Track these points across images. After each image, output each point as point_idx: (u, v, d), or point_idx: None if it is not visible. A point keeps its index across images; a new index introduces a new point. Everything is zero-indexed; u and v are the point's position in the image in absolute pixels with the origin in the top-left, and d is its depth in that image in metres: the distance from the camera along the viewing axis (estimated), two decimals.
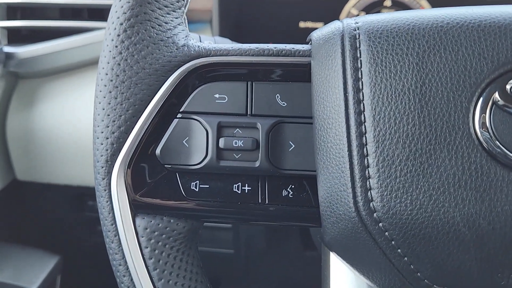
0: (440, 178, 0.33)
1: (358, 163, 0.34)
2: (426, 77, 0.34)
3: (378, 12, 0.99)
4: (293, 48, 0.41)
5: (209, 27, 0.86)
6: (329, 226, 0.37)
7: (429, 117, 0.33)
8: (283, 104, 0.40)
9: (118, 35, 0.38)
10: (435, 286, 0.36)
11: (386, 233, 0.34)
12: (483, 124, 0.33)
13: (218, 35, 0.82)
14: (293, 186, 0.40)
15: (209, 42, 0.55)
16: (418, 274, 0.35)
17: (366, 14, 1.01)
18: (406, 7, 0.97)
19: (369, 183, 0.34)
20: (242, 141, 0.39)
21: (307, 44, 0.41)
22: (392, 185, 0.34)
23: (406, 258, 0.35)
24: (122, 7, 0.39)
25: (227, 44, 0.43)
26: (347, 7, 0.98)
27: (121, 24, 0.38)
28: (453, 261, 0.34)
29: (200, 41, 0.51)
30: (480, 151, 0.33)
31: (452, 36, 0.34)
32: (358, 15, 0.98)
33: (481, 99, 0.33)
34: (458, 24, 0.34)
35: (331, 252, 0.40)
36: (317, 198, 0.38)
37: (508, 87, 0.33)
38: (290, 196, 0.40)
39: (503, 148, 0.33)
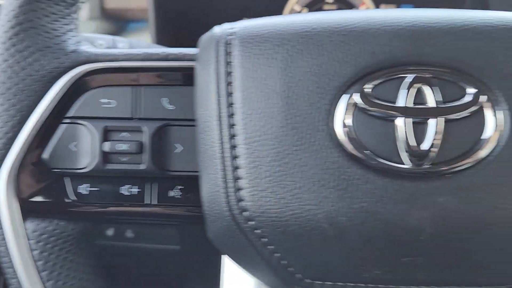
0: (303, 177, 0.35)
1: (229, 164, 0.36)
2: (292, 80, 0.35)
3: (320, 8, 1.01)
4: (180, 53, 0.42)
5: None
6: (210, 224, 0.38)
7: (294, 120, 0.35)
8: (171, 107, 0.41)
9: (3, 43, 0.39)
10: (307, 280, 0.37)
11: (258, 231, 0.36)
12: (343, 126, 0.35)
13: (156, 35, 0.82)
14: (181, 187, 0.41)
15: (123, 45, 0.56)
16: (290, 269, 0.37)
17: (309, 11, 1.02)
18: (348, 4, 0.98)
19: (240, 183, 0.36)
20: (127, 145, 0.40)
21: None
22: (260, 185, 0.35)
23: (277, 254, 0.36)
24: (6, 15, 0.39)
25: (119, 49, 0.44)
26: (290, 4, 0.99)
27: (6, 32, 0.39)
28: (320, 256, 0.36)
29: (114, 45, 0.52)
30: (340, 151, 0.34)
31: (317, 40, 0.35)
32: (301, 11, 1.00)
33: (342, 101, 0.35)
34: (323, 29, 0.36)
35: None
36: None
37: (367, 89, 0.35)
38: (177, 196, 0.41)
39: (362, 149, 0.34)
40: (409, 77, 0.34)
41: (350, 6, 0.99)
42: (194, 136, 0.41)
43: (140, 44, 0.58)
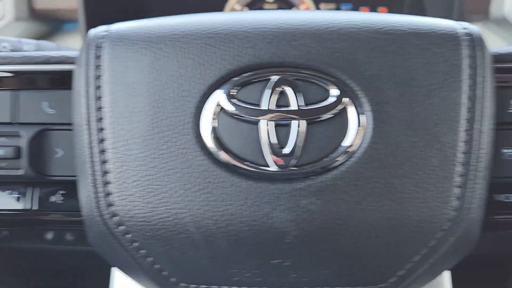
0: (170, 181, 0.34)
1: (99, 169, 0.35)
2: (159, 84, 0.35)
3: (261, 8, 1.00)
4: (62, 56, 0.41)
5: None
6: (88, 229, 0.38)
7: (161, 123, 0.35)
8: (51, 111, 0.40)
9: None
10: (182, 283, 0.37)
11: (129, 235, 0.36)
12: (209, 129, 0.34)
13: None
14: (62, 192, 0.41)
15: (29, 48, 0.54)
16: (164, 272, 0.37)
17: (250, 9, 1.02)
18: (289, 3, 0.98)
19: (109, 188, 0.35)
20: (4, 150, 0.39)
21: None
22: (128, 189, 0.35)
23: (150, 258, 0.36)
24: None
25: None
26: (231, 3, 0.99)
27: None
28: (190, 259, 0.36)
29: (20, 47, 0.51)
30: (206, 155, 0.34)
31: (184, 43, 0.35)
32: (242, 10, 0.99)
33: (208, 104, 0.34)
34: (190, 31, 0.36)
35: None
36: None
37: (232, 92, 0.34)
38: (59, 201, 0.40)
39: (227, 152, 0.34)
40: (273, 80, 0.34)
41: (291, 6, 0.99)
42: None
43: (48, 46, 0.56)
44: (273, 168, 0.34)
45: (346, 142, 0.34)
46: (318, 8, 0.98)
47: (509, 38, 0.77)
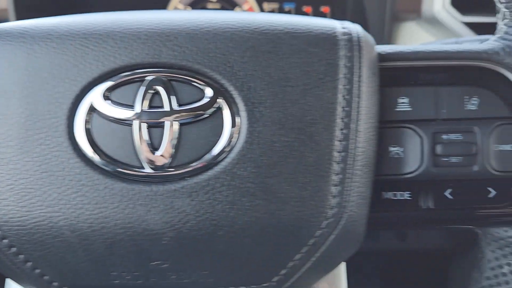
0: (44, 184, 0.34)
1: None
2: (33, 84, 0.34)
3: (204, 7, 1.00)
4: None
5: None
6: None
7: (35, 125, 0.34)
8: None
9: None
10: (64, 287, 0.37)
11: (5, 240, 0.35)
12: (84, 131, 0.34)
13: None
14: None
15: None
16: (46, 277, 0.36)
17: (192, 9, 1.02)
18: (232, 3, 0.98)
19: None
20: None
21: None
22: (3, 193, 0.34)
23: (30, 263, 0.35)
24: None
25: None
26: (173, 2, 0.98)
27: None
28: (69, 263, 0.35)
29: None
30: (80, 157, 0.34)
31: (58, 43, 0.35)
32: (185, 9, 0.99)
33: (82, 106, 0.34)
34: (66, 31, 0.35)
35: None
36: None
37: (106, 93, 0.34)
38: None
39: (101, 154, 0.34)
40: (146, 80, 0.34)
41: (234, 5, 0.99)
42: None
43: None
44: (147, 170, 0.34)
45: (220, 143, 0.34)
46: (261, 7, 0.99)
47: (438, 35, 0.78)
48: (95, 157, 0.34)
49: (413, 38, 0.81)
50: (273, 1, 0.98)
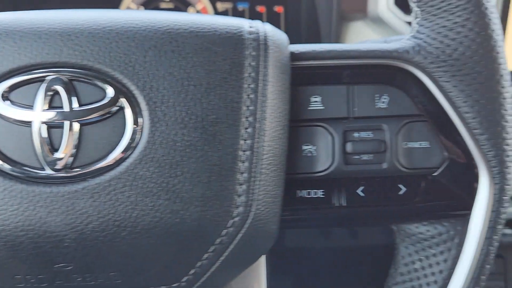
0: None
1: None
2: None
3: (157, 7, 0.99)
4: None
5: None
6: None
7: None
8: None
9: None
10: None
11: None
12: None
13: None
14: None
15: None
16: None
17: (145, 9, 1.01)
18: (185, 3, 0.98)
19: None
20: None
21: None
22: None
23: None
24: None
25: None
26: (126, 2, 0.97)
27: None
28: None
29: None
30: None
31: None
32: (137, 9, 0.98)
33: None
34: None
35: None
36: None
37: (5, 93, 0.33)
38: None
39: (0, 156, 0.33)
40: (46, 80, 0.34)
41: (187, 5, 0.98)
42: None
43: None
44: (47, 171, 0.33)
45: (122, 143, 0.34)
46: (215, 7, 0.99)
47: (384, 34, 0.79)
48: None
49: (360, 37, 0.82)
50: (226, 1, 0.98)
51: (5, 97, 0.33)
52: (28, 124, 0.33)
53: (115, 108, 0.34)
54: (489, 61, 0.38)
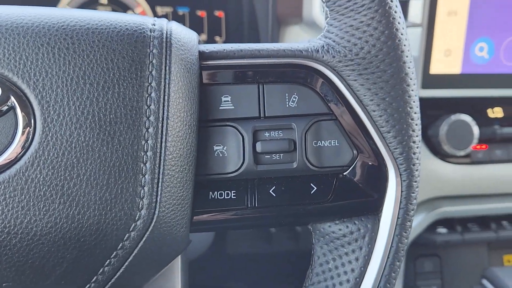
0: None
1: None
2: None
3: (95, 10, 0.97)
4: None
5: None
6: None
7: None
8: None
9: None
10: None
11: None
12: None
13: None
14: None
15: None
16: None
17: None
18: (123, 5, 0.96)
19: None
20: None
21: None
22: None
23: None
24: None
25: None
26: (62, 4, 0.94)
27: None
28: None
29: None
30: None
31: None
32: None
33: None
34: None
35: None
36: None
37: None
38: None
39: None
40: None
41: (126, 8, 0.96)
42: None
43: None
44: None
45: (13, 145, 0.32)
46: (154, 11, 0.97)
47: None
48: None
49: (297, 41, 0.83)
50: (166, 5, 0.97)
51: None
52: None
53: (5, 108, 0.32)
54: (394, 60, 0.38)
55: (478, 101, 0.81)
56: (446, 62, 0.77)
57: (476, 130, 0.77)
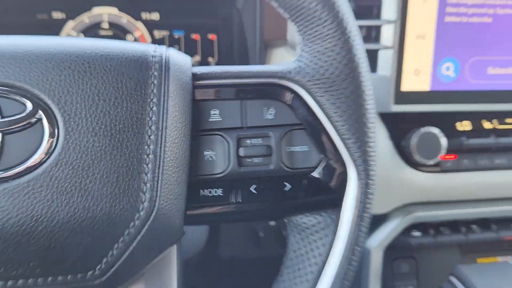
0: None
1: None
2: None
3: (97, 34, 1.06)
4: None
5: None
6: None
7: None
8: None
9: None
10: None
11: None
12: None
13: None
14: None
15: None
16: None
17: (85, 36, 1.07)
18: (123, 29, 1.04)
19: None
20: None
21: None
22: None
23: None
24: None
25: None
26: (66, 29, 1.03)
27: None
28: None
29: None
30: None
31: None
32: (78, 36, 1.04)
33: None
34: None
35: None
36: None
37: None
38: None
39: None
40: None
41: (125, 32, 1.05)
42: None
43: None
44: None
45: (40, 150, 0.39)
46: (152, 35, 1.05)
47: None
48: None
49: (282, 61, 0.91)
50: (163, 29, 1.05)
51: None
52: None
53: (34, 120, 0.40)
54: (353, 79, 0.46)
55: (446, 115, 0.89)
56: (416, 80, 0.86)
57: (444, 141, 0.85)
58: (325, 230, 0.48)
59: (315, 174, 0.47)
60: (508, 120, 0.92)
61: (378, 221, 0.91)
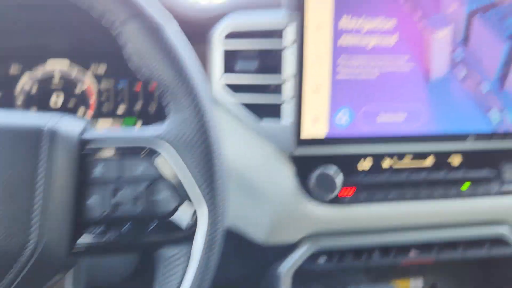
0: None
1: None
2: None
3: (49, 85, 1.20)
4: None
5: None
6: None
7: None
8: None
9: None
10: None
11: None
12: None
13: None
14: None
15: None
16: None
17: (39, 86, 1.21)
18: (72, 82, 1.18)
19: None
20: None
21: None
22: None
23: None
24: None
25: None
26: (21, 83, 1.17)
27: None
28: None
29: None
30: None
31: None
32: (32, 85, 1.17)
33: None
34: None
35: None
36: None
37: None
38: None
39: None
40: None
41: (74, 84, 1.19)
42: None
43: None
44: None
45: None
46: (99, 85, 1.20)
47: (222, 116, 1.02)
48: None
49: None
50: (109, 78, 1.20)
51: None
52: None
53: None
54: (204, 140, 0.60)
55: (344, 157, 1.03)
56: (314, 127, 1.00)
57: (339, 180, 0.98)
58: (181, 259, 0.61)
59: (174, 216, 0.60)
60: (403, 161, 1.06)
61: (291, 248, 1.04)
